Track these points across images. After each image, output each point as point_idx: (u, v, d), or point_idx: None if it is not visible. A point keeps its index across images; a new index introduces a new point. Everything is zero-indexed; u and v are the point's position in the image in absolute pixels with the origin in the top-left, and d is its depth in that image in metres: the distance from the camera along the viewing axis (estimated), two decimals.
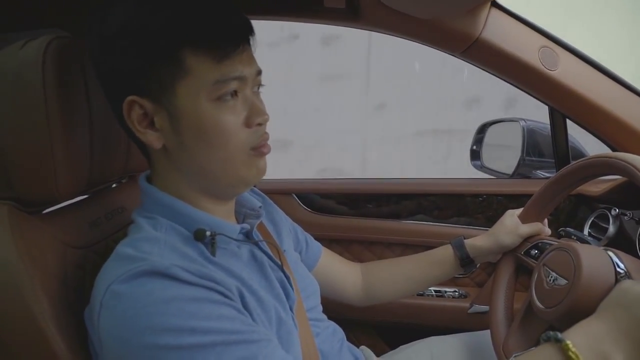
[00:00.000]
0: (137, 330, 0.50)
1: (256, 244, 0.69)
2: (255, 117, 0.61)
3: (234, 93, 0.59)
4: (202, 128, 0.58)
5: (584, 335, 0.51)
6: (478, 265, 1.22)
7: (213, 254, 0.60)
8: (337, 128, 3.16)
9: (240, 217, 0.73)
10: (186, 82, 0.56)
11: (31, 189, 0.61)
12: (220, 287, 0.55)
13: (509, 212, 0.91)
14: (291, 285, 0.70)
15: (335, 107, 3.18)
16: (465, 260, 0.91)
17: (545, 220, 0.90)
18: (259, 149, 0.62)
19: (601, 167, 0.74)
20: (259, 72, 0.63)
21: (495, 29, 0.92)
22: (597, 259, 0.66)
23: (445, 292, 1.24)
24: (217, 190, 0.64)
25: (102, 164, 0.71)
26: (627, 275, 0.63)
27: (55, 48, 0.60)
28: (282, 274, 0.70)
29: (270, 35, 2.87)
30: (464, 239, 0.93)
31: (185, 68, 0.56)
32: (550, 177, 1.20)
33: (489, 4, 0.91)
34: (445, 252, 0.93)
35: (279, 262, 0.70)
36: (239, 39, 0.58)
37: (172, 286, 0.52)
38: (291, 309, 0.68)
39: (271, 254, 0.70)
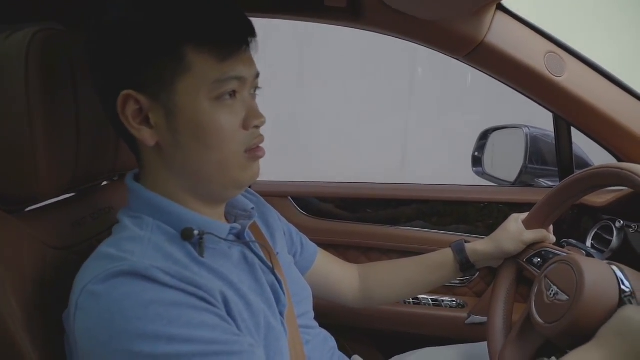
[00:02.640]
0: (112, 333, 0.48)
1: (247, 244, 0.67)
2: (252, 119, 0.60)
3: (233, 93, 0.58)
4: (200, 126, 0.56)
5: None
6: (477, 273, 1.21)
7: (201, 254, 0.58)
8: None
9: (232, 218, 0.71)
10: (186, 78, 0.55)
11: (10, 186, 0.59)
12: (202, 292, 0.53)
13: (514, 216, 0.89)
14: (282, 289, 0.68)
15: None
16: (465, 264, 0.89)
17: (551, 227, 0.88)
18: (254, 152, 0.61)
19: (610, 177, 0.71)
20: (257, 75, 0.62)
21: (500, 33, 0.89)
22: (600, 276, 0.64)
23: (443, 301, 1.22)
24: (209, 192, 0.62)
25: (89, 161, 0.69)
26: (632, 294, 0.61)
27: (41, 40, 0.58)
28: (273, 277, 0.67)
29: None
30: (465, 242, 0.91)
31: (187, 64, 0.55)
32: (553, 185, 1.18)
33: (495, 7, 0.88)
34: (445, 256, 0.91)
35: (271, 265, 0.68)
36: (242, 40, 0.58)
37: (151, 289, 0.50)
38: (281, 314, 0.66)
39: (263, 255, 0.68)
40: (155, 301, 0.49)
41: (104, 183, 0.81)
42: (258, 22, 0.63)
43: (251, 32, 0.60)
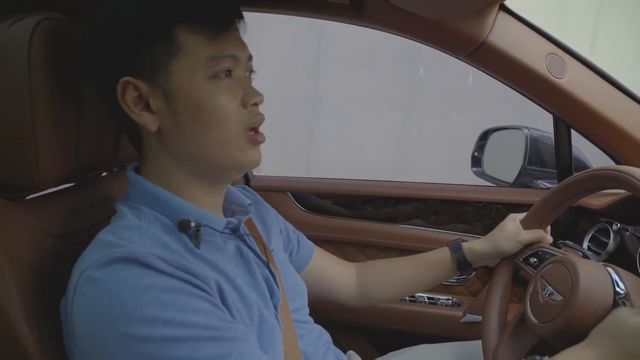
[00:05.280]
0: (109, 317, 0.49)
1: (242, 238, 0.67)
2: (251, 97, 0.61)
3: (228, 72, 0.59)
4: (199, 105, 0.57)
5: None
6: (474, 273, 1.21)
7: (197, 245, 0.59)
8: None
9: (229, 213, 0.72)
10: (180, 59, 0.56)
11: (10, 174, 0.59)
12: (198, 280, 0.53)
13: (511, 216, 0.89)
14: (277, 284, 0.68)
15: None
16: (462, 263, 0.89)
17: (548, 228, 0.88)
18: (254, 136, 0.62)
19: (608, 180, 0.71)
20: (250, 57, 0.63)
21: (502, 33, 0.90)
22: (595, 277, 0.64)
23: (438, 299, 1.22)
24: (209, 174, 0.63)
25: (90, 152, 0.69)
26: (627, 296, 0.61)
27: (45, 29, 0.58)
28: (267, 271, 0.68)
29: None
30: (462, 241, 0.91)
31: (179, 45, 0.56)
32: (551, 187, 1.18)
33: (497, 7, 0.88)
34: (443, 255, 0.91)
35: (265, 259, 0.69)
36: (231, 18, 0.60)
37: (148, 275, 0.50)
38: (275, 308, 0.66)
39: (257, 250, 0.69)
40: (152, 286, 0.50)
41: (104, 174, 0.81)
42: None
43: (238, 14, 0.61)
